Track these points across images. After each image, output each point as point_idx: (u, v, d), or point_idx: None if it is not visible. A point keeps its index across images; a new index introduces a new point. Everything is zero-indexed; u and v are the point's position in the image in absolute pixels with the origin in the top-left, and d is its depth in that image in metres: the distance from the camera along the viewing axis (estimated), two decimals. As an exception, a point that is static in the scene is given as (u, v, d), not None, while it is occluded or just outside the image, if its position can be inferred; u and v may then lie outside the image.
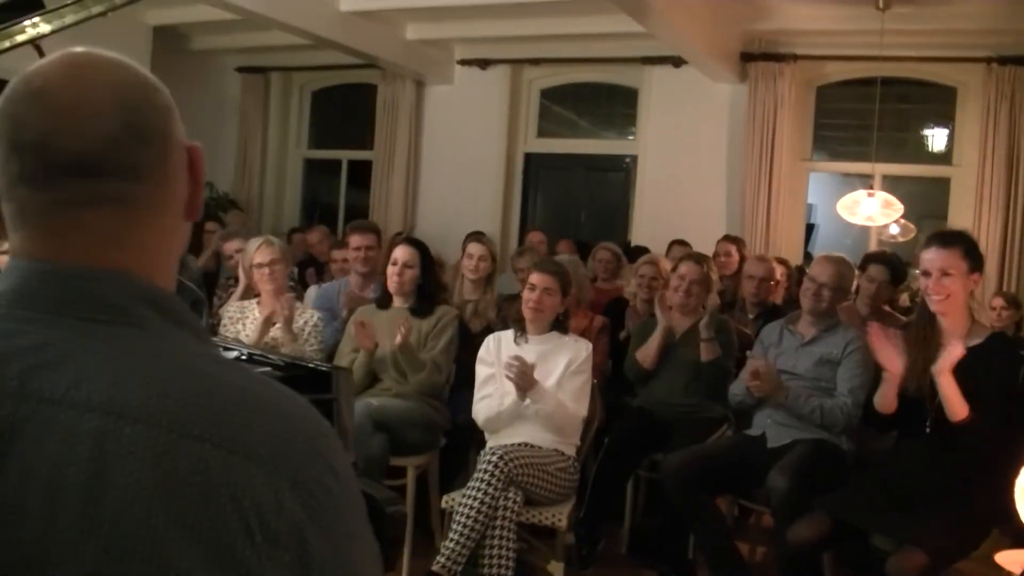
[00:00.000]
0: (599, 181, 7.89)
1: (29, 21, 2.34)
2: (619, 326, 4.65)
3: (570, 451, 3.48)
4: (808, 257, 6.89)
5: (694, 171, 7.07)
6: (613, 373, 4.38)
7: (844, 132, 7.11)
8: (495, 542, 3.13)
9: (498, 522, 3.14)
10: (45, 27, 2.37)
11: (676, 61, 6.93)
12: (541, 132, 7.95)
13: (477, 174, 7.73)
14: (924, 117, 6.92)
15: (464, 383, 3.89)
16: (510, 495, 3.18)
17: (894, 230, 6.38)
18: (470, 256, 4.56)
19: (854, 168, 6.96)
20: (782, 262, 5.40)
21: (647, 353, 4.01)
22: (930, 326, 2.89)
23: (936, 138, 6.96)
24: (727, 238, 5.82)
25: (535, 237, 6.52)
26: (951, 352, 2.74)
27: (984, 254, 2.95)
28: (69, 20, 2.41)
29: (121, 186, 0.76)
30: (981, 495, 2.73)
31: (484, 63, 7.77)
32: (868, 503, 2.88)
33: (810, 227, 7.93)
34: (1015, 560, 2.59)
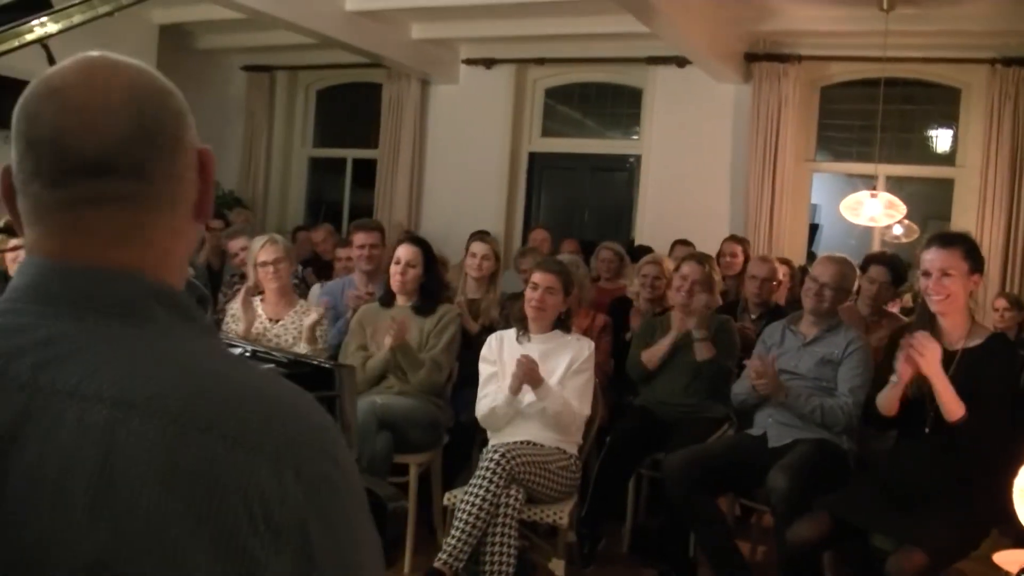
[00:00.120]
0: (603, 181, 7.89)
1: (37, 21, 2.36)
2: (622, 326, 4.66)
3: (572, 449, 3.49)
4: (812, 257, 6.86)
5: (698, 171, 7.07)
6: (615, 372, 4.39)
7: (848, 133, 7.09)
8: (497, 539, 3.14)
9: (500, 519, 3.15)
10: (53, 27, 2.38)
11: (680, 61, 6.92)
12: (545, 132, 7.95)
13: (481, 173, 7.73)
14: (928, 118, 6.89)
15: (467, 381, 3.91)
16: (512, 493, 3.19)
17: (897, 231, 6.37)
18: (474, 255, 4.57)
19: (858, 169, 6.95)
20: (785, 262, 5.38)
21: (653, 355, 4.03)
22: (930, 326, 2.89)
23: (940, 139, 6.94)
24: (733, 238, 5.77)
25: (539, 234, 6.52)
26: (924, 349, 2.73)
27: (987, 255, 2.96)
28: (76, 20, 2.42)
29: (133, 186, 0.78)
30: (981, 495, 2.75)
31: (489, 63, 7.78)
32: (868, 503, 2.89)
33: (814, 227, 7.91)
34: (1014, 560, 2.59)
